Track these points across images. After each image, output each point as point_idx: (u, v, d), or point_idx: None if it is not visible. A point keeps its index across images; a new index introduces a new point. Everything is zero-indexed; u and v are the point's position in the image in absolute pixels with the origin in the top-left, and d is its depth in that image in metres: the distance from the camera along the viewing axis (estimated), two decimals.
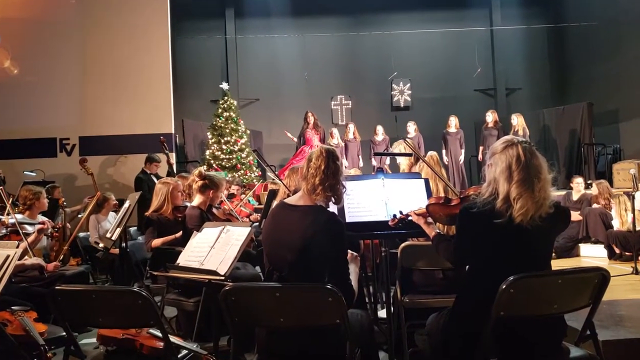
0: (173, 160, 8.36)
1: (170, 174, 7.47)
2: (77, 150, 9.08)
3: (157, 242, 4.22)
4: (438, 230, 2.62)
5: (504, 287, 2.02)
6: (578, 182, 7.81)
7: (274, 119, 12.96)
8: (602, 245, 6.95)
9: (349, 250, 2.62)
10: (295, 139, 10.90)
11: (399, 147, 4.47)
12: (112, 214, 6.38)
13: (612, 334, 3.19)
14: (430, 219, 2.65)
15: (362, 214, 3.05)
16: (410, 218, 2.72)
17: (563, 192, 8.03)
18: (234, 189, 7.55)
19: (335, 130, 10.84)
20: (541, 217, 2.14)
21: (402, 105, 13.25)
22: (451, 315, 2.36)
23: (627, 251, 6.52)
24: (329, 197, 2.40)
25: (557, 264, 2.39)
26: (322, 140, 10.64)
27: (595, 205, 7.27)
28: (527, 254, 2.18)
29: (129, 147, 9.02)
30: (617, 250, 6.67)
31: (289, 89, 13.13)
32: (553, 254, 2.86)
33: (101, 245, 5.01)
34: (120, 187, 8.72)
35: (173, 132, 9.51)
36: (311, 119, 10.73)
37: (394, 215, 2.81)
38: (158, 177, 7.65)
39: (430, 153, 3.97)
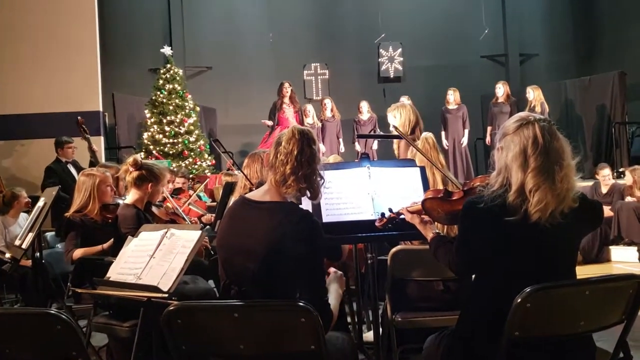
0: (101, 145, 8.24)
1: (93, 163, 7.34)
2: None
3: (79, 252, 4.16)
4: (437, 231, 2.64)
5: (519, 300, 2.04)
6: (604, 175, 7.82)
7: (230, 93, 12.89)
8: (637, 248, 7.10)
9: (332, 269, 2.61)
10: (269, 123, 10.74)
11: (394, 112, 4.48)
12: (23, 215, 6.27)
13: None
14: (427, 218, 2.66)
15: (343, 212, 3.05)
16: (402, 217, 2.73)
17: (590, 183, 8.16)
18: (179, 182, 7.49)
19: (309, 107, 10.85)
20: (563, 214, 2.17)
21: (391, 76, 13.31)
22: (454, 337, 2.38)
23: None
24: (302, 190, 2.40)
25: (582, 271, 2.42)
26: (300, 121, 10.58)
27: (628, 199, 7.40)
28: (547, 260, 2.21)
29: (37, 130, 8.84)
30: None
31: (250, 56, 13.07)
32: (578, 259, 2.91)
33: (8, 255, 4.90)
34: (27, 181, 8.55)
35: (101, 109, 9.37)
36: (287, 92, 10.63)
37: (383, 214, 2.81)
38: (77, 167, 7.54)
39: (425, 135, 3.99)
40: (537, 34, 13.63)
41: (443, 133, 10.52)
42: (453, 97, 10.61)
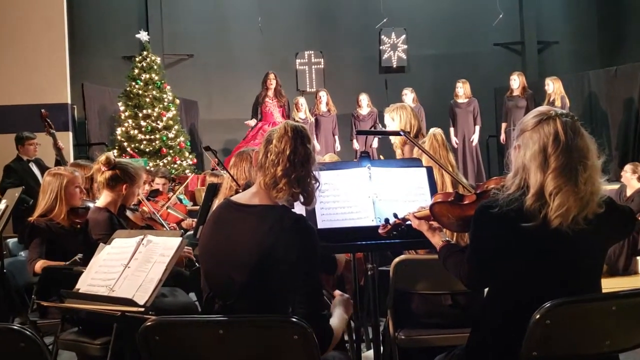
0: (69, 142, 8.22)
1: (59, 162, 7.33)
2: None
3: (42, 264, 4.14)
4: (447, 239, 2.64)
5: (537, 317, 2.05)
6: (629, 177, 7.83)
7: (214, 84, 12.88)
8: None
9: (338, 292, 2.60)
10: (252, 123, 10.74)
11: (392, 114, 4.49)
12: None
13: None
14: (435, 224, 2.66)
15: (340, 218, 3.04)
16: (408, 223, 2.73)
17: (616, 186, 8.18)
18: (159, 182, 7.47)
19: (301, 100, 10.84)
20: (587, 219, 2.18)
21: (394, 66, 13.32)
22: (465, 357, 2.38)
23: None
24: (295, 195, 2.40)
25: (608, 284, 2.43)
26: (286, 115, 10.60)
27: None
28: (569, 271, 2.22)
29: None
30: None
31: (236, 42, 13.05)
32: (603, 270, 2.92)
33: None
34: None
35: (69, 102, 9.34)
36: (272, 84, 10.66)
37: (387, 220, 2.82)
38: (40, 166, 7.52)
39: (433, 130, 3.99)
40: (557, 19, 13.62)
41: (452, 130, 10.54)
42: (463, 89, 10.62)
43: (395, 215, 2.79)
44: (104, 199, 4.14)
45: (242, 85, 12.14)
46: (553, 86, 10.16)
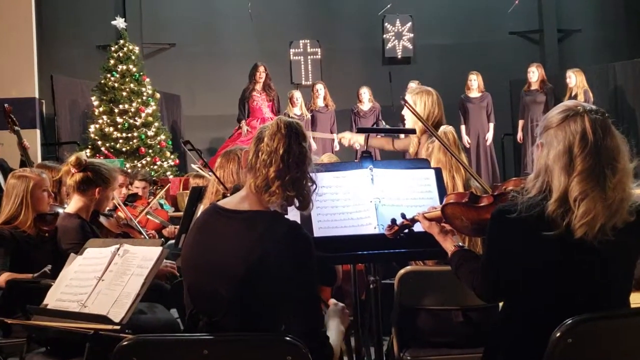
0: (36, 140, 8.20)
1: (25, 163, 7.31)
2: None
3: (6, 277, 4.13)
4: (460, 244, 2.64)
5: (558, 334, 2.05)
6: None
7: (198, 76, 12.88)
8: None
9: (332, 301, 2.60)
10: (244, 125, 10.68)
11: (416, 97, 4.50)
12: None
13: None
14: (447, 227, 2.67)
15: (339, 225, 3.04)
16: (418, 224, 2.74)
17: None
18: (137, 186, 7.46)
19: (297, 95, 10.84)
20: (616, 229, 2.17)
21: (399, 56, 13.33)
22: None
23: None
24: (290, 199, 2.40)
25: (636, 299, 2.43)
26: (276, 110, 10.58)
27: None
28: (593, 285, 2.22)
29: None
30: None
31: (223, 30, 13.06)
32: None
33: None
34: None
35: (36, 96, 9.34)
36: (262, 77, 10.65)
37: (394, 220, 2.83)
38: (3, 167, 7.48)
39: (444, 128, 3.99)
40: (580, 4, 13.60)
41: (463, 127, 10.57)
42: (476, 83, 10.65)
43: (403, 216, 2.80)
44: (74, 204, 4.14)
45: (230, 78, 12.12)
46: (575, 79, 10.18)
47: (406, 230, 2.82)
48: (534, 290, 2.25)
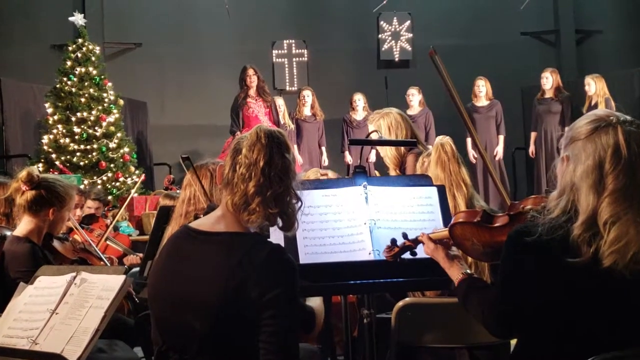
0: None
1: None
2: None
3: None
4: (468, 271, 2.64)
5: None
6: None
7: (168, 81, 12.93)
8: None
9: None
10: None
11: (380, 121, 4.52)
12: None
13: None
14: (455, 250, 2.68)
15: (328, 250, 3.05)
16: (421, 246, 2.76)
17: None
18: (91, 206, 7.42)
19: (279, 102, 10.87)
20: None
21: (396, 59, 13.44)
22: None
23: None
24: (272, 217, 2.41)
25: None
26: (275, 118, 10.43)
27: None
28: (622, 320, 2.21)
29: None
30: None
31: (197, 29, 13.14)
32: None
33: None
34: None
35: None
36: (253, 80, 10.54)
37: (394, 241, 2.84)
38: None
39: (440, 139, 3.99)
40: (601, 2, 13.74)
41: (469, 140, 10.57)
42: (483, 89, 10.73)
43: (405, 236, 2.81)
44: (24, 226, 4.12)
45: (204, 83, 12.20)
46: (595, 86, 10.26)
47: (407, 253, 2.81)
48: (554, 324, 2.25)
